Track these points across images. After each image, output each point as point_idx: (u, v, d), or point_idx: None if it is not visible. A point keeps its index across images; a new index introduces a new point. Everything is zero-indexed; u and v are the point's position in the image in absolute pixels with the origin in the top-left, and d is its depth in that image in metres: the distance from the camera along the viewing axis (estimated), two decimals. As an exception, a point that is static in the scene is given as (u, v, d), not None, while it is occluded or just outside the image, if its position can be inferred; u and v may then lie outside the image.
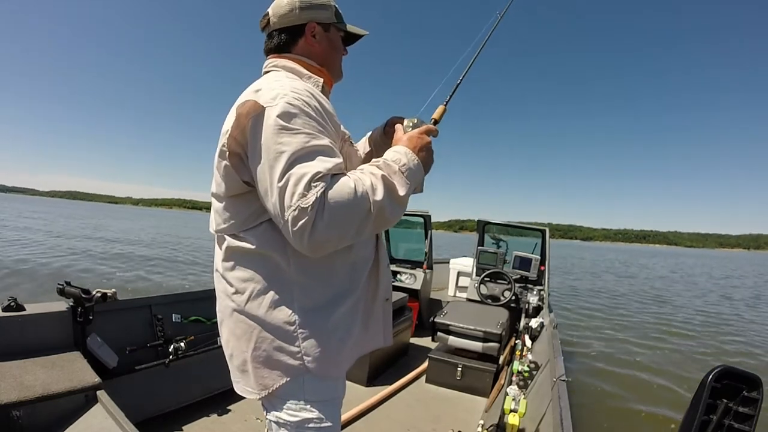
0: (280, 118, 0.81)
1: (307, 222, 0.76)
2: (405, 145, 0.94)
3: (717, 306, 11.96)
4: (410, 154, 0.92)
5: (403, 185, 0.87)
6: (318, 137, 0.83)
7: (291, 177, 0.78)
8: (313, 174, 0.77)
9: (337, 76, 1.12)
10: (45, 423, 1.50)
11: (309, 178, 0.77)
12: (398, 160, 0.90)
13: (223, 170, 0.91)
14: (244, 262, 0.93)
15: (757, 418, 0.87)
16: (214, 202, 0.99)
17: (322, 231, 0.77)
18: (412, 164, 0.91)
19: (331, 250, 0.84)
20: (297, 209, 0.76)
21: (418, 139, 0.97)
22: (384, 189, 0.84)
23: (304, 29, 1.03)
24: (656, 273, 25.08)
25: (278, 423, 0.94)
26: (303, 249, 0.81)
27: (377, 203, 0.82)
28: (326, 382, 0.95)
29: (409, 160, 0.91)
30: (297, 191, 0.77)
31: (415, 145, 0.95)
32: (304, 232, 0.77)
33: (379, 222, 0.84)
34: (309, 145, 0.81)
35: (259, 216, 0.91)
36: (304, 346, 0.91)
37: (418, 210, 4.77)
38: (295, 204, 0.76)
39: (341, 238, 0.82)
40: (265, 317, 0.91)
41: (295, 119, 0.82)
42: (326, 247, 0.82)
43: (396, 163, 0.89)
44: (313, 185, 0.77)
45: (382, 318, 1.08)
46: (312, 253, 0.82)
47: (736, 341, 7.62)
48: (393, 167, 0.88)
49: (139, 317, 2.38)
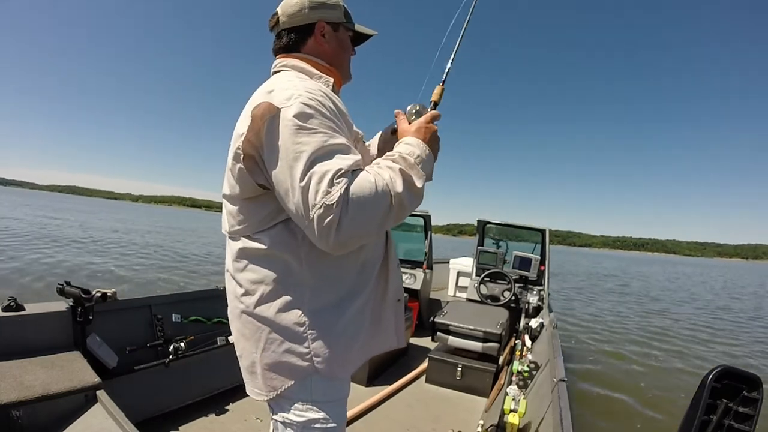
0: (297, 118, 0.81)
1: (333, 219, 0.76)
2: (415, 137, 0.95)
3: (718, 309, 11.96)
4: (422, 145, 0.93)
5: (419, 177, 0.88)
6: (335, 136, 0.83)
7: (313, 176, 0.78)
8: (335, 171, 0.78)
9: (346, 77, 1.12)
10: (45, 423, 1.50)
11: (331, 176, 0.77)
12: (412, 152, 0.91)
13: (238, 173, 0.91)
14: (255, 263, 0.93)
15: (757, 418, 0.87)
16: (227, 204, 0.98)
17: (348, 227, 0.78)
18: (424, 155, 0.92)
19: (355, 246, 0.85)
20: (322, 207, 0.76)
21: (427, 130, 0.97)
22: (402, 182, 0.85)
23: (313, 29, 1.03)
24: (655, 279, 25.06)
25: (285, 423, 0.94)
26: (329, 247, 0.80)
27: (398, 196, 0.83)
28: (334, 383, 0.95)
29: (422, 152, 0.92)
30: (321, 189, 0.77)
31: (425, 136, 0.96)
32: (331, 229, 0.77)
33: (399, 214, 0.85)
34: (328, 144, 0.81)
35: (273, 218, 0.91)
36: (313, 347, 0.91)
37: (418, 210, 4.76)
38: (320, 202, 0.76)
39: (366, 233, 0.82)
40: (275, 319, 0.91)
41: (311, 119, 0.82)
42: (352, 244, 0.82)
43: (411, 156, 0.90)
44: (335, 182, 0.77)
45: (393, 319, 1.08)
46: (337, 251, 0.82)
47: (736, 341, 7.62)
48: (409, 160, 0.89)
49: (139, 317, 2.38)
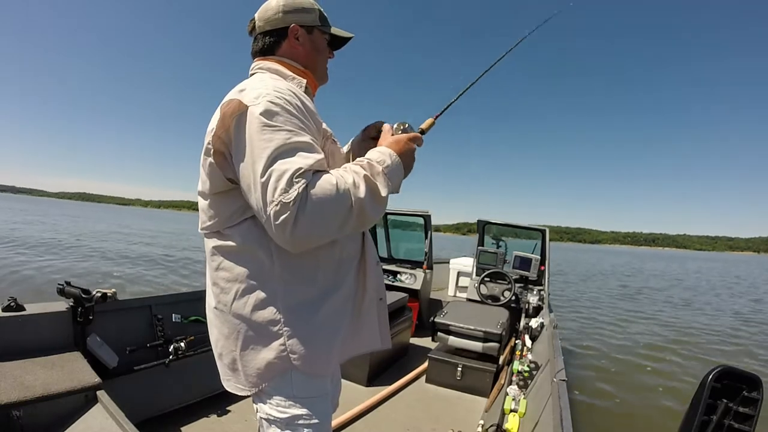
0: (263, 116, 0.83)
1: (289, 217, 0.77)
2: (390, 147, 0.97)
3: (719, 309, 11.95)
4: (394, 156, 0.95)
5: (384, 186, 0.89)
6: (299, 134, 0.85)
7: (273, 173, 0.79)
8: (294, 170, 0.79)
9: (322, 79, 1.14)
10: (45, 423, 1.50)
11: (291, 174, 0.78)
12: (382, 161, 0.92)
13: (208, 168, 0.93)
14: (228, 259, 0.95)
15: (757, 418, 0.87)
16: (200, 200, 1.00)
17: (304, 226, 0.79)
18: (394, 166, 0.93)
19: (313, 245, 0.86)
20: (279, 204, 0.78)
21: (405, 144, 0.99)
22: (366, 188, 0.86)
23: (287, 32, 1.06)
24: (660, 275, 25.06)
25: (268, 420, 0.95)
26: (285, 244, 0.82)
27: (359, 201, 0.84)
28: (314, 379, 0.96)
29: (392, 162, 0.93)
30: (279, 187, 0.78)
31: (400, 149, 0.98)
32: (286, 226, 0.78)
33: (360, 219, 0.86)
34: (290, 142, 0.82)
35: (243, 213, 0.93)
36: (289, 344, 0.92)
37: (418, 210, 4.77)
38: (277, 199, 0.78)
39: (323, 234, 0.83)
40: (251, 316, 0.92)
41: (277, 117, 0.84)
42: (309, 242, 0.83)
43: (380, 163, 0.91)
44: (294, 181, 0.78)
45: (377, 319, 1.08)
46: (294, 249, 0.83)
47: (737, 342, 7.62)
48: (377, 168, 0.90)
49: (139, 317, 2.38)
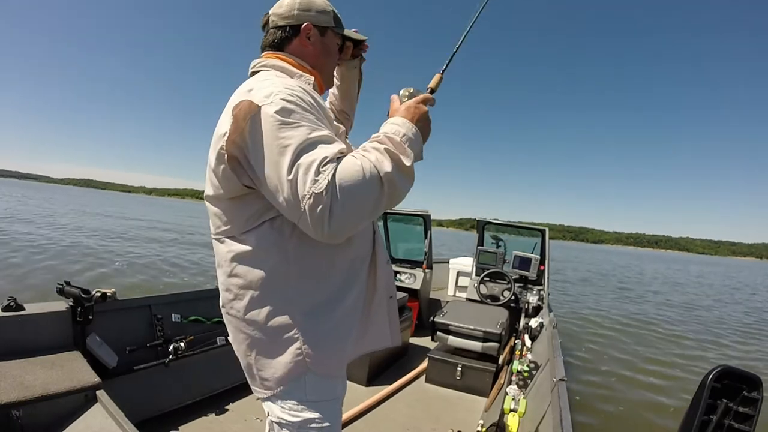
0: (278, 114, 0.81)
1: (324, 207, 0.76)
2: (402, 116, 0.93)
3: (720, 309, 11.96)
4: (408, 124, 0.91)
5: (407, 156, 0.86)
6: (318, 128, 0.83)
7: (300, 167, 0.78)
8: (320, 160, 0.77)
9: (328, 83, 1.13)
10: (45, 423, 1.50)
11: (318, 164, 0.77)
12: (397, 131, 0.89)
13: (222, 174, 0.90)
14: (243, 264, 0.93)
15: (757, 418, 0.87)
16: (211, 206, 0.98)
17: (340, 213, 0.77)
18: (411, 134, 0.89)
19: (352, 232, 0.84)
20: (312, 196, 0.76)
21: (416, 109, 0.95)
22: (390, 161, 0.83)
23: (300, 30, 1.04)
24: (662, 277, 25.06)
25: (280, 424, 0.94)
26: (324, 236, 0.79)
27: (387, 175, 0.81)
28: (327, 382, 0.96)
29: (407, 130, 0.89)
30: (308, 179, 0.76)
31: (412, 116, 0.94)
32: (323, 217, 0.76)
33: (392, 195, 0.84)
34: (312, 136, 0.81)
35: (259, 217, 0.91)
36: (305, 348, 0.91)
37: (417, 210, 4.78)
38: (309, 191, 0.76)
39: (361, 217, 0.81)
40: (265, 323, 0.91)
41: (293, 114, 0.82)
42: (348, 230, 0.81)
43: (396, 135, 0.88)
44: (321, 170, 0.77)
45: (387, 316, 1.08)
46: (335, 239, 0.81)
47: (737, 342, 7.62)
48: (394, 139, 0.87)
49: (139, 317, 2.38)
